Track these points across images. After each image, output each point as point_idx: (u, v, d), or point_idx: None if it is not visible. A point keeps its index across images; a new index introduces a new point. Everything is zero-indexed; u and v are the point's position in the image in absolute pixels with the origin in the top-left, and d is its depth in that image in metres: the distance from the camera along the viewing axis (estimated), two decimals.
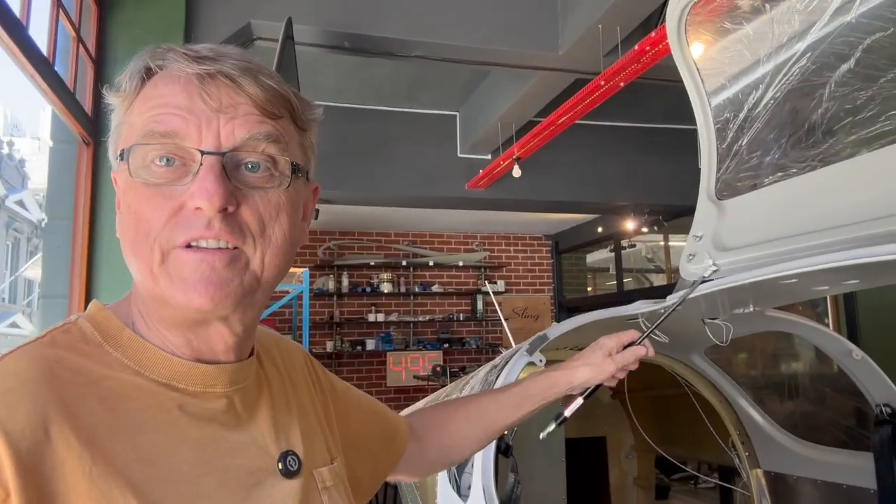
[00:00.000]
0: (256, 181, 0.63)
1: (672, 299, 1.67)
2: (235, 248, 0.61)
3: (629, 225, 7.30)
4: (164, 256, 0.60)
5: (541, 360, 1.63)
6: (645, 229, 7.31)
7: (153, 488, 0.57)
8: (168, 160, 0.60)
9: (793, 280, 1.37)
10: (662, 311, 1.72)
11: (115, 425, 0.58)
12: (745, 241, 1.60)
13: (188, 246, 0.60)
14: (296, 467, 0.69)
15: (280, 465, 0.68)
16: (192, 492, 0.60)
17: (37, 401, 0.55)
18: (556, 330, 1.72)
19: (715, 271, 1.59)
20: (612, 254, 8.37)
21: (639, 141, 6.45)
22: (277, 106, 0.64)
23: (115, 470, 0.56)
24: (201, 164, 0.60)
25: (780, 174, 1.55)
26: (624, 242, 8.10)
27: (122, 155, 0.62)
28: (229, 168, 0.61)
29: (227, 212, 0.60)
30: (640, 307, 1.77)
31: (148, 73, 0.64)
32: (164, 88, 0.62)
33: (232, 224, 0.60)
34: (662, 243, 8.16)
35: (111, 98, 0.66)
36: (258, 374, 0.74)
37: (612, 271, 8.65)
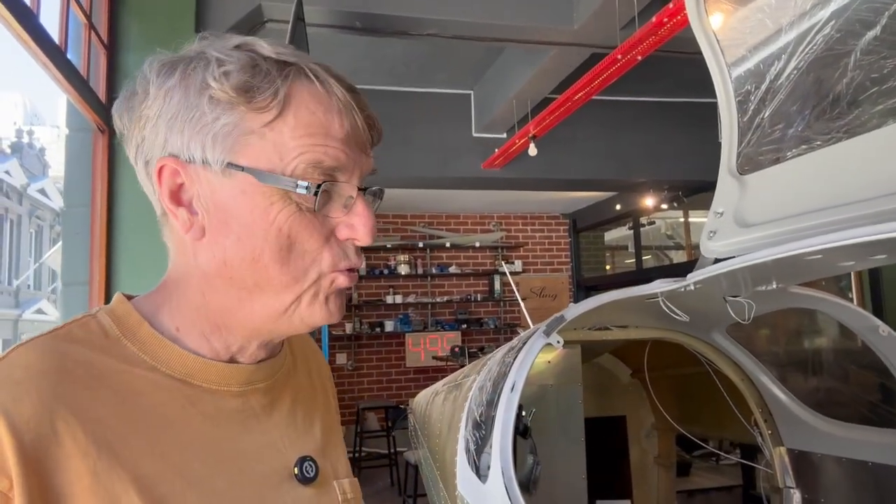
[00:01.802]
0: None
1: (693, 277, 1.64)
2: None
3: (648, 202, 7.22)
4: (320, 277, 0.64)
5: (558, 342, 1.62)
6: (664, 206, 7.22)
7: (161, 483, 0.57)
8: (322, 190, 0.63)
9: (818, 256, 1.33)
10: (683, 289, 1.69)
11: (126, 419, 0.58)
12: (768, 216, 1.56)
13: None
14: (312, 474, 0.69)
15: (296, 470, 0.68)
16: (203, 490, 0.59)
17: (44, 394, 0.55)
18: (574, 311, 1.70)
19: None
20: (631, 231, 8.29)
21: (658, 115, 6.34)
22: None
23: (120, 464, 0.56)
24: (353, 198, 0.64)
25: (803, 147, 1.51)
26: (643, 220, 8.01)
27: (303, 186, 0.61)
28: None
29: None
30: (660, 286, 1.74)
31: (291, 85, 0.62)
32: (324, 117, 0.62)
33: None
34: (682, 220, 8.06)
35: (224, 92, 0.60)
36: (287, 376, 0.74)
37: (631, 249, 8.57)
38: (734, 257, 1.60)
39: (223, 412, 0.64)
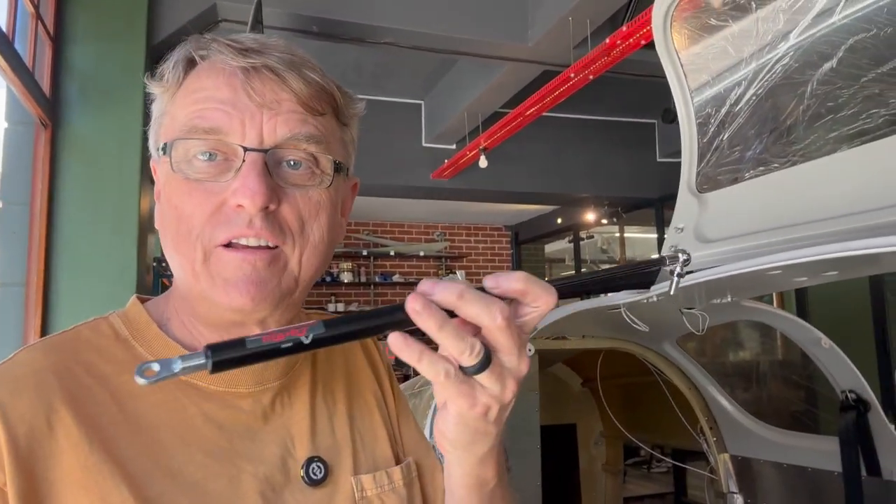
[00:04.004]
0: (298, 179, 0.61)
1: (657, 289, 1.71)
2: (275, 247, 0.60)
3: (589, 216, 7.43)
4: (206, 255, 0.59)
5: (530, 350, 1.64)
6: (605, 220, 7.45)
7: (153, 484, 0.57)
8: (210, 155, 0.59)
9: (777, 272, 1.42)
10: (645, 301, 1.76)
11: (122, 420, 0.59)
12: (726, 233, 1.65)
13: (229, 245, 0.59)
14: (320, 475, 0.66)
15: (302, 472, 0.65)
16: (196, 492, 0.59)
17: (42, 390, 0.57)
18: (544, 319, 1.74)
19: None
20: (570, 244, 8.51)
21: (600, 134, 6.55)
22: (321, 102, 0.63)
23: (112, 460, 0.56)
24: (244, 161, 0.58)
25: (761, 168, 1.60)
26: (582, 233, 8.24)
27: (164, 148, 0.61)
28: (271, 165, 0.59)
29: (268, 210, 0.58)
30: (624, 297, 1.80)
31: (191, 64, 0.62)
32: (208, 81, 0.60)
33: (272, 223, 0.59)
34: (618, 235, 8.33)
35: (153, 87, 0.64)
36: (303, 370, 0.72)
37: (568, 262, 8.79)
38: (694, 271, 1.67)
39: (227, 416, 0.63)
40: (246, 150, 0.58)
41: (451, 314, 0.47)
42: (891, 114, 1.29)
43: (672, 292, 0.56)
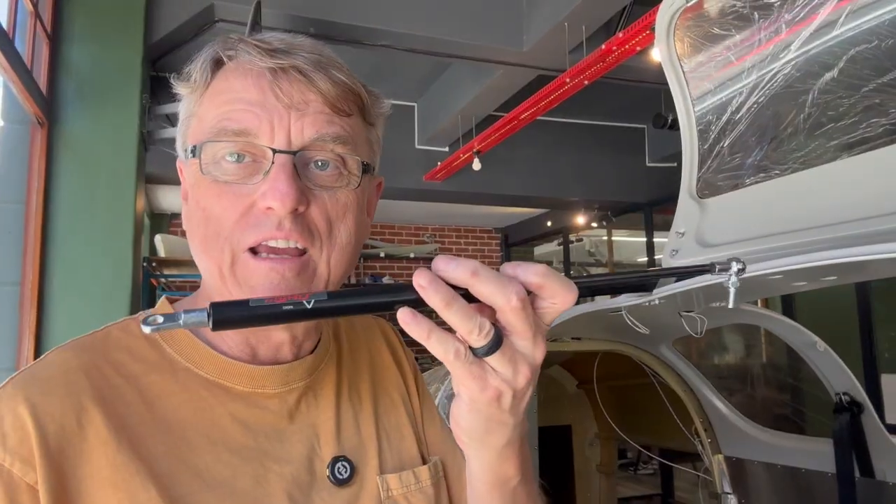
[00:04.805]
0: (325, 180, 0.61)
1: (659, 292, 1.73)
2: (303, 250, 0.60)
3: (578, 219, 7.48)
4: (234, 258, 0.59)
5: None
6: (594, 224, 7.50)
7: (180, 483, 0.57)
8: (239, 157, 0.59)
9: (777, 277, 1.45)
10: (647, 304, 1.78)
11: (150, 419, 0.59)
12: (727, 238, 1.68)
13: (256, 251, 0.59)
14: (346, 475, 0.66)
15: (328, 472, 0.65)
16: (223, 491, 0.59)
17: (72, 389, 0.57)
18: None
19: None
20: (560, 247, 8.55)
21: (591, 138, 6.60)
22: (348, 102, 0.63)
23: (140, 460, 0.56)
24: (273, 163, 0.58)
25: (761, 175, 1.63)
26: (571, 237, 8.29)
27: (192, 151, 0.61)
28: (300, 166, 0.59)
29: (297, 212, 0.58)
30: (625, 300, 1.83)
31: (218, 65, 0.62)
32: (236, 82, 0.60)
33: (301, 225, 0.59)
34: (606, 238, 8.39)
35: (180, 88, 0.64)
36: (328, 370, 0.72)
37: (556, 264, 8.83)
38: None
39: (254, 416, 0.64)
40: (275, 152, 0.58)
41: (470, 298, 0.46)
42: (891, 123, 1.32)
43: (731, 305, 0.56)
